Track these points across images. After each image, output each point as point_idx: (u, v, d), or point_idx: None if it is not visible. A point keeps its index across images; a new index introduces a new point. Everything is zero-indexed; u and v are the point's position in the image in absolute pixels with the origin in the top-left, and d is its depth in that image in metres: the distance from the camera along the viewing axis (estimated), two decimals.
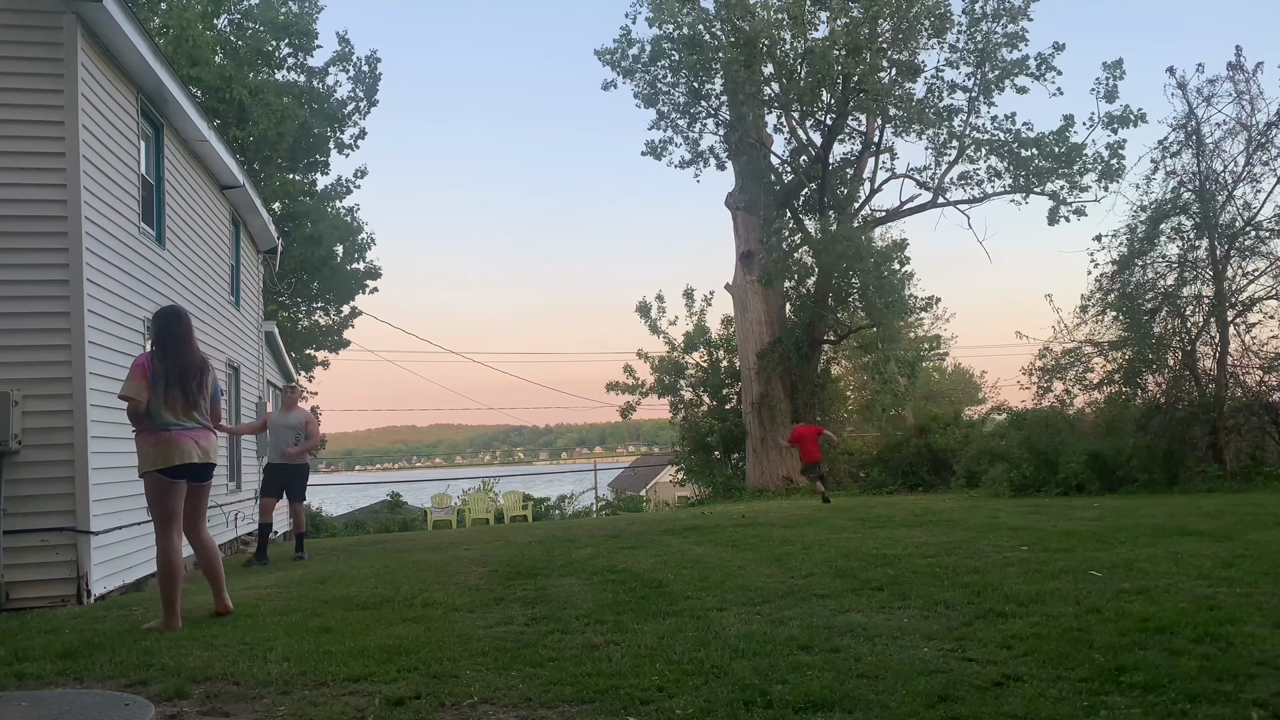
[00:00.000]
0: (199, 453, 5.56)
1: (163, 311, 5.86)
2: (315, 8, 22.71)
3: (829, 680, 3.64)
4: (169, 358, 5.55)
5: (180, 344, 5.62)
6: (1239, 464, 13.37)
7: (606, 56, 21.34)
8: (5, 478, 6.99)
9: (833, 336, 22.55)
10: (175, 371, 5.52)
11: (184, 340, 5.65)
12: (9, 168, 7.24)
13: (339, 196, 24.23)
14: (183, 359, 5.58)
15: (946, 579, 5.86)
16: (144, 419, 5.46)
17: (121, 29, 7.67)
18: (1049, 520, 9.12)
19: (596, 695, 3.65)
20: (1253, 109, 14.26)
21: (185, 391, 5.53)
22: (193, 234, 10.82)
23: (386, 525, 23.81)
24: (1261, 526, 7.78)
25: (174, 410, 5.49)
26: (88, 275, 7.31)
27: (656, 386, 26.98)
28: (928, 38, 20.24)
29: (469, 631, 4.96)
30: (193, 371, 5.58)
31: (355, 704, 3.68)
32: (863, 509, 12.12)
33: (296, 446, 10.36)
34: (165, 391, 5.47)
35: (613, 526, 11.88)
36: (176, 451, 5.45)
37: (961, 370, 43.93)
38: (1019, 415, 16.58)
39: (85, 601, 7.06)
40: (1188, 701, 3.23)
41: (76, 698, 3.93)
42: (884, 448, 21.16)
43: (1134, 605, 4.78)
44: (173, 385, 5.50)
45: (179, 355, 5.58)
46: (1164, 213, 14.78)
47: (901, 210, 22.54)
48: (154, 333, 5.77)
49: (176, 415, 5.50)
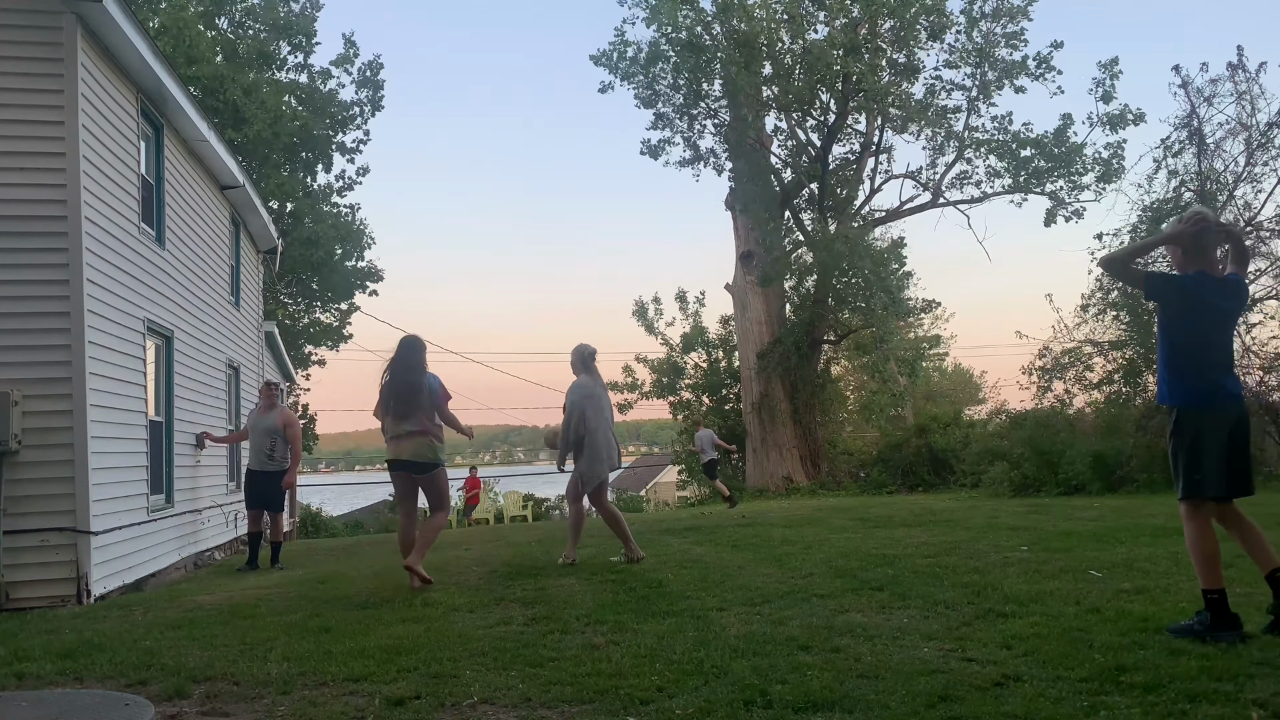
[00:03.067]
0: (407, 451, 6.83)
1: (399, 340, 7.18)
2: (315, 7, 22.71)
3: (829, 680, 3.64)
4: (391, 379, 6.93)
5: (395, 367, 6.94)
6: None
7: (603, 60, 21.32)
8: (5, 478, 6.99)
9: (832, 336, 22.55)
10: (389, 391, 6.88)
11: (398, 364, 6.93)
12: (9, 168, 7.25)
13: (339, 194, 24.22)
14: (394, 380, 6.89)
15: (946, 579, 5.85)
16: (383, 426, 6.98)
17: (121, 29, 7.67)
18: (1049, 520, 9.11)
19: (596, 695, 3.65)
20: (1254, 109, 14.28)
21: (397, 405, 6.81)
22: (193, 234, 10.82)
23: (387, 525, 23.79)
24: (1262, 527, 7.76)
25: (392, 419, 6.84)
26: (88, 275, 7.31)
27: (655, 388, 26.97)
28: (926, 38, 20.24)
29: (469, 631, 4.96)
30: (403, 391, 6.85)
31: (355, 704, 3.68)
32: (863, 509, 12.11)
33: (275, 457, 9.58)
34: (387, 405, 6.89)
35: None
36: (390, 451, 6.91)
37: (961, 370, 43.99)
38: (1019, 415, 16.57)
39: (85, 601, 7.06)
40: (1188, 701, 3.23)
41: (76, 698, 3.93)
42: (884, 448, 21.16)
43: (1134, 605, 4.78)
44: (388, 401, 6.84)
45: (393, 377, 6.91)
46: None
47: (901, 210, 22.55)
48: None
49: (394, 424, 6.83)
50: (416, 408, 6.76)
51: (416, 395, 6.78)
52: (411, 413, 6.76)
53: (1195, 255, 4.32)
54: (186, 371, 10.37)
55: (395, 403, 6.80)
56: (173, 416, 9.82)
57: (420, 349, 7.00)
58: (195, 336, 10.80)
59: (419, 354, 6.97)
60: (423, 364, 6.96)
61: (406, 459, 6.81)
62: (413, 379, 6.84)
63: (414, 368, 6.88)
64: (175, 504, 9.77)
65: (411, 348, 6.94)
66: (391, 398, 6.83)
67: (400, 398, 6.79)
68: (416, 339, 7.04)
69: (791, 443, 21.33)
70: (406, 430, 6.77)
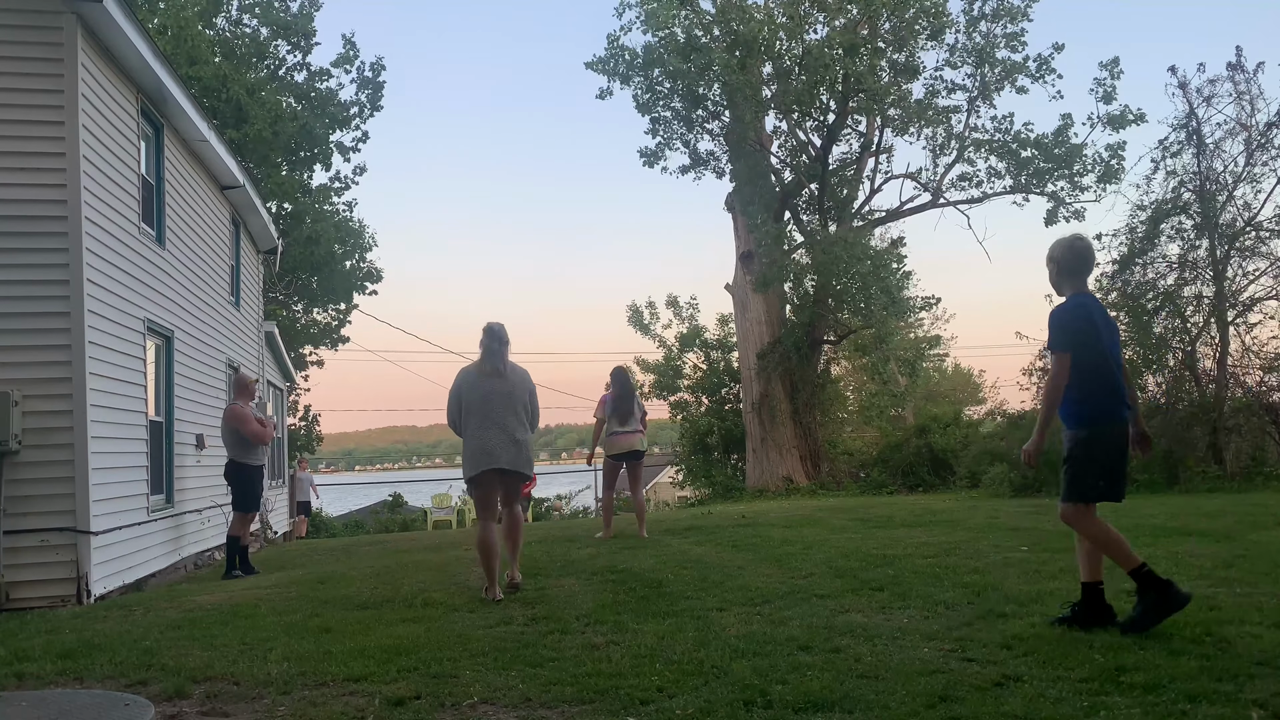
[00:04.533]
0: (625, 446, 9.50)
1: (615, 371, 9.78)
2: (314, 6, 22.71)
3: (829, 680, 3.64)
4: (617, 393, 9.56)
5: (618, 384, 9.63)
6: (1239, 464, 13.36)
7: (599, 66, 21.29)
8: (5, 478, 6.99)
9: (833, 336, 22.55)
10: (615, 400, 9.48)
11: (620, 383, 9.65)
12: (9, 168, 7.25)
13: (337, 193, 24.21)
14: (620, 394, 9.53)
15: (946, 579, 5.85)
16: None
17: (121, 29, 7.67)
18: (1049, 520, 9.10)
19: (596, 695, 3.65)
20: (1253, 109, 14.26)
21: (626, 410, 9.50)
22: (193, 234, 10.82)
23: (386, 525, 23.82)
24: (1262, 527, 7.78)
25: (618, 421, 9.50)
26: (88, 275, 7.31)
27: (654, 390, 26.98)
28: (926, 39, 20.23)
29: (469, 631, 4.96)
30: (630, 400, 9.61)
31: (355, 704, 3.68)
32: (863, 509, 12.10)
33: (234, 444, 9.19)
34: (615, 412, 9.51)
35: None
36: (622, 445, 9.53)
37: (961, 370, 43.99)
38: (1017, 416, 16.56)
39: (85, 601, 7.06)
40: (1188, 701, 3.23)
41: (76, 698, 3.93)
42: (884, 448, 21.14)
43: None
44: (618, 407, 9.48)
45: (619, 391, 9.57)
46: (1164, 213, 14.77)
47: (901, 210, 22.54)
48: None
49: (620, 424, 9.48)
50: (631, 414, 9.48)
51: (633, 403, 9.58)
52: (629, 418, 9.48)
53: (1077, 278, 4.58)
54: (186, 371, 10.38)
55: (621, 408, 9.43)
56: (173, 416, 9.82)
57: (629, 376, 9.96)
58: (195, 336, 10.80)
59: (628, 378, 9.86)
60: (632, 385, 9.98)
61: (635, 449, 9.52)
62: (631, 392, 9.73)
63: (629, 386, 9.76)
64: (175, 504, 9.77)
65: (625, 375, 9.74)
66: (617, 406, 9.44)
67: (623, 407, 9.47)
68: (625, 369, 9.90)
69: (791, 443, 21.31)
70: (632, 429, 9.49)
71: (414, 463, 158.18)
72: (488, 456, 6.16)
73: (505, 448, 6.18)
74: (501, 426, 6.20)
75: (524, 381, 6.44)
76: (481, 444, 6.18)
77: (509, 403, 6.26)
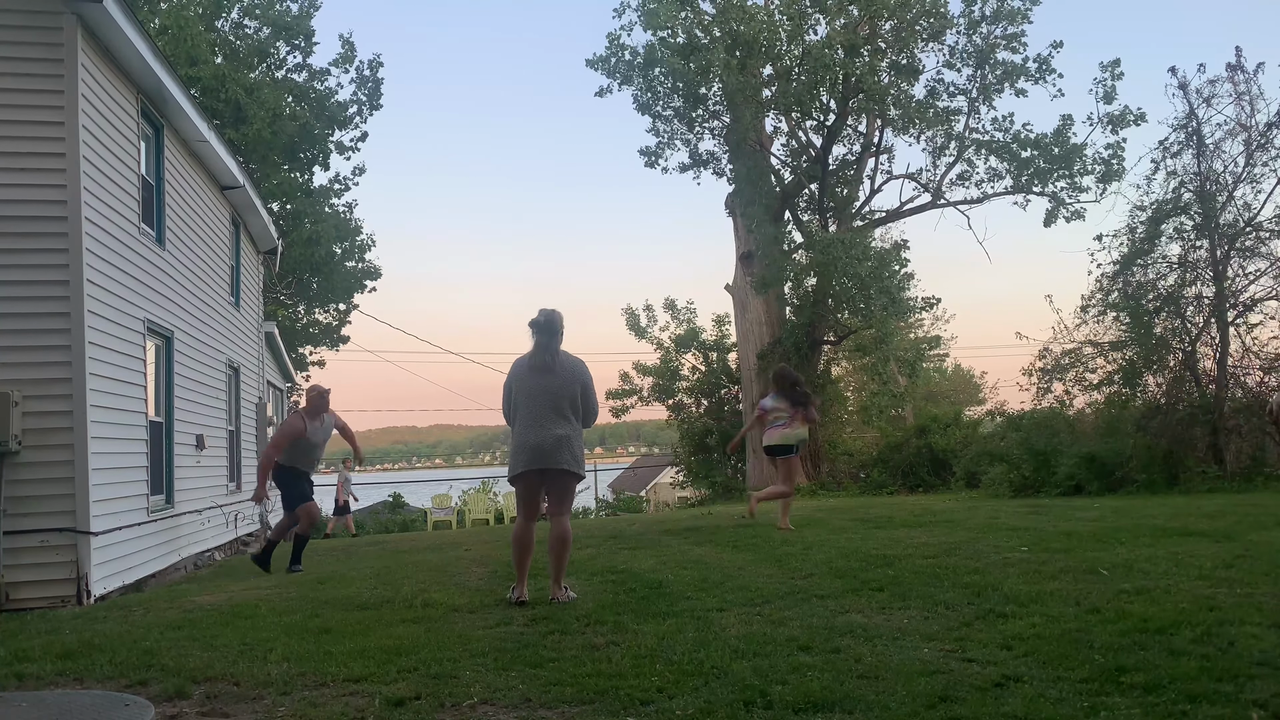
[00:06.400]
0: (779, 438, 10.40)
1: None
2: (313, 6, 22.71)
3: (829, 681, 3.64)
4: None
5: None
6: (1239, 465, 13.34)
7: (599, 65, 21.28)
8: (5, 478, 6.99)
9: (833, 337, 22.55)
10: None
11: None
12: (9, 168, 7.25)
13: (336, 194, 24.22)
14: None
15: (947, 579, 5.85)
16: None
17: (121, 29, 7.67)
18: (1049, 521, 9.11)
19: (596, 696, 3.65)
20: (1253, 110, 14.24)
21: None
22: (193, 234, 10.82)
23: (386, 525, 23.79)
24: (1262, 527, 7.77)
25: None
26: (88, 276, 7.31)
27: (653, 392, 26.96)
28: (926, 39, 20.23)
29: (469, 632, 4.96)
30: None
31: (355, 704, 3.68)
32: (863, 509, 12.11)
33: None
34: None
35: (613, 527, 11.87)
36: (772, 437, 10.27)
37: (962, 370, 44.01)
38: (1016, 416, 16.56)
39: (85, 602, 7.06)
40: (1188, 702, 3.23)
41: (76, 698, 3.93)
42: (884, 448, 21.12)
43: (1134, 605, 4.77)
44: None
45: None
46: (1164, 213, 14.75)
47: (901, 211, 22.54)
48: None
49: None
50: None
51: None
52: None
53: None
54: (186, 372, 10.38)
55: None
56: (173, 417, 9.82)
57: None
58: (195, 337, 10.80)
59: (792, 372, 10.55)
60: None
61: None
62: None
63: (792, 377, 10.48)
64: (175, 504, 9.77)
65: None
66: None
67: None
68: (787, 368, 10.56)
69: None
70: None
71: (414, 463, 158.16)
72: (527, 457, 5.87)
73: (546, 446, 5.83)
74: (545, 424, 5.85)
75: (576, 375, 6.01)
76: (524, 442, 5.89)
77: (555, 399, 5.89)
